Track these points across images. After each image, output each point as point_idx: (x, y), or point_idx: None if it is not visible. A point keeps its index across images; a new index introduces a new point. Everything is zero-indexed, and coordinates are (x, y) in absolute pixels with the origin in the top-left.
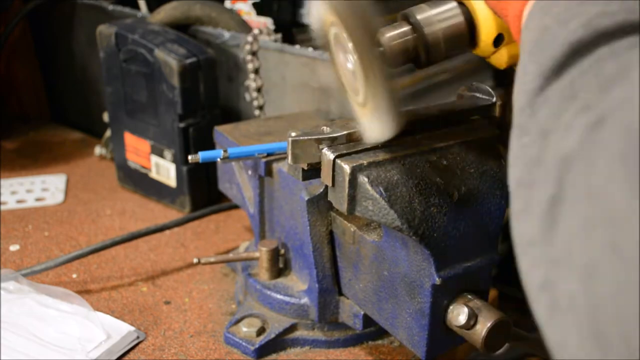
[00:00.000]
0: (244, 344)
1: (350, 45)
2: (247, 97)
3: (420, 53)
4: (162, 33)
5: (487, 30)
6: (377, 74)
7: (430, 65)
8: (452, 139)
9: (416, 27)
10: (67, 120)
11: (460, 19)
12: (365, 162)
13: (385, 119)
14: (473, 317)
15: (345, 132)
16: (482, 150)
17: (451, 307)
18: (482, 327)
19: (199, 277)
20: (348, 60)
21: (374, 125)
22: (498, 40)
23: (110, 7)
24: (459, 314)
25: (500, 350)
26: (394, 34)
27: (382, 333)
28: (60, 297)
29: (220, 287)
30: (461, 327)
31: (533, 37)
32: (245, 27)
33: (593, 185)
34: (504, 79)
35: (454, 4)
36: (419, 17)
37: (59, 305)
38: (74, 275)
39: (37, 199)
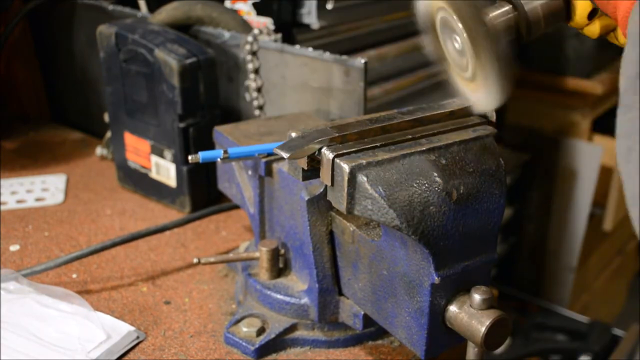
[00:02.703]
0: (244, 344)
1: (460, 25)
2: (247, 97)
3: (521, 29)
4: (162, 33)
5: (582, 5)
6: (486, 50)
7: (531, 39)
8: (452, 139)
9: (516, 6)
10: (67, 120)
11: None
12: (364, 162)
13: (494, 90)
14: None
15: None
16: (481, 149)
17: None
18: (483, 324)
19: (199, 277)
20: (456, 41)
21: (484, 96)
22: (592, 14)
23: (110, 7)
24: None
25: (500, 349)
26: (496, 13)
27: (382, 333)
28: (60, 297)
29: (220, 287)
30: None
31: (635, 30)
32: (247, 28)
33: None
34: None
35: None
36: None
37: (59, 305)
38: (74, 275)
39: (37, 199)
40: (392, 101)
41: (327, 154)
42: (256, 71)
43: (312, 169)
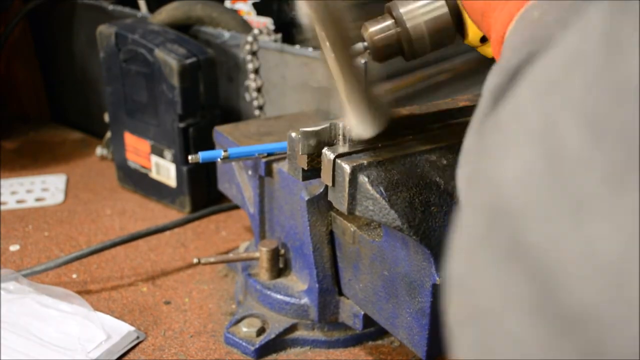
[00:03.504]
0: (244, 344)
1: (327, 44)
2: (247, 97)
3: (404, 46)
4: (162, 33)
5: (474, 27)
6: (352, 76)
7: (415, 58)
8: (452, 139)
9: (399, 21)
10: (67, 120)
11: (444, 10)
12: (365, 162)
13: (363, 119)
14: None
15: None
16: None
17: None
18: None
19: (199, 277)
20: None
21: (355, 123)
22: (485, 39)
23: (110, 7)
24: None
25: None
26: (376, 29)
27: (382, 333)
28: (60, 297)
29: (220, 287)
30: None
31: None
32: (247, 28)
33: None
34: None
35: None
36: (401, 10)
37: (59, 305)
38: (74, 276)
39: (37, 199)
40: (391, 101)
41: (328, 154)
42: (256, 71)
43: (312, 169)
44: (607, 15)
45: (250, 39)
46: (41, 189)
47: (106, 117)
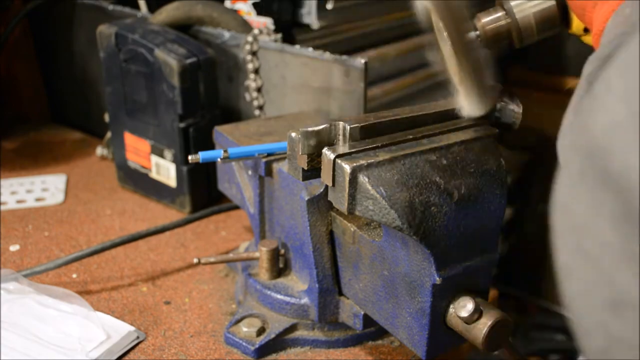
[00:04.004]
0: (244, 344)
1: (445, 34)
2: (247, 97)
3: (513, 36)
4: (162, 33)
5: (577, 20)
6: (467, 62)
7: (522, 46)
8: (453, 139)
9: (509, 13)
10: (67, 120)
11: (552, 3)
12: (365, 162)
13: (476, 99)
14: (477, 312)
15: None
16: (482, 149)
17: (457, 301)
18: (484, 325)
19: (199, 277)
20: (447, 45)
21: (468, 103)
22: (587, 29)
23: (110, 7)
24: (465, 305)
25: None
26: (488, 19)
27: (382, 333)
28: (60, 297)
29: (220, 287)
30: (465, 319)
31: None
32: (247, 28)
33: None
34: (505, 78)
35: None
36: (512, 3)
37: (59, 305)
38: (74, 276)
39: (37, 199)
40: (392, 101)
41: (328, 154)
42: (256, 71)
43: (312, 169)
44: None
45: (250, 39)
46: (41, 189)
47: (106, 117)
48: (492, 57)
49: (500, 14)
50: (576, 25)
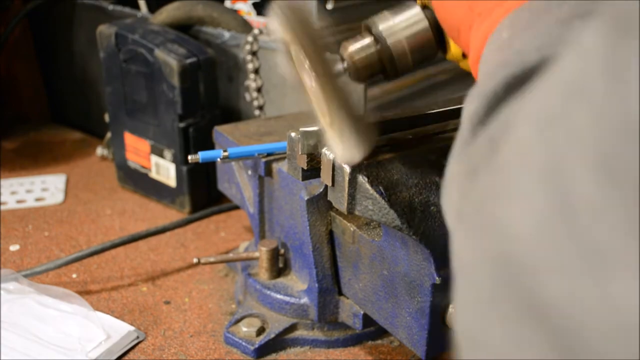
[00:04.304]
0: (243, 343)
1: (306, 67)
2: (247, 97)
3: (385, 65)
4: (162, 33)
5: (455, 46)
6: (337, 99)
7: (397, 77)
8: (452, 138)
9: (379, 38)
10: (67, 120)
11: (424, 24)
12: (365, 162)
13: (351, 142)
14: None
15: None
16: None
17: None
18: None
19: (199, 277)
20: (311, 79)
21: (341, 147)
22: (465, 55)
23: (110, 7)
24: None
25: None
26: (356, 48)
27: (382, 333)
28: (60, 297)
29: (220, 287)
30: None
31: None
32: (247, 28)
33: None
34: None
35: (418, 9)
36: (380, 27)
37: (59, 305)
38: (74, 275)
39: (37, 199)
40: (392, 101)
41: (328, 154)
42: (256, 71)
43: (312, 169)
44: (606, 40)
45: (250, 39)
46: (41, 189)
47: (106, 117)
48: (364, 90)
49: (368, 40)
50: (454, 49)
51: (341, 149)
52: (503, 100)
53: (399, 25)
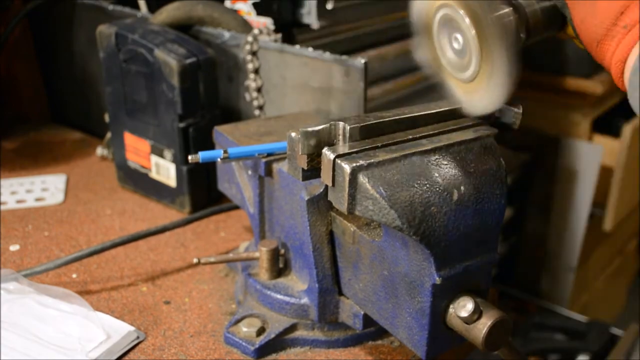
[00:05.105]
0: (244, 343)
1: (467, 21)
2: (247, 97)
3: (520, 32)
4: (162, 33)
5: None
6: (494, 45)
7: (528, 43)
8: (452, 139)
9: (517, 8)
10: (67, 120)
11: (554, 3)
12: (365, 162)
13: (498, 88)
14: (477, 312)
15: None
16: (482, 149)
17: (457, 301)
18: (484, 325)
19: (199, 277)
20: (456, 40)
21: (485, 96)
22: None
23: (110, 7)
24: (465, 305)
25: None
26: (497, 15)
27: (382, 333)
28: (60, 297)
29: (220, 287)
30: (465, 319)
31: None
32: (247, 28)
33: None
34: None
35: None
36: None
37: (59, 305)
38: (74, 275)
39: (37, 199)
40: (392, 101)
41: (328, 154)
42: (256, 71)
43: (312, 169)
44: None
45: (250, 39)
46: (41, 189)
47: (106, 117)
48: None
49: (508, 9)
50: (570, 30)
51: (484, 96)
52: None
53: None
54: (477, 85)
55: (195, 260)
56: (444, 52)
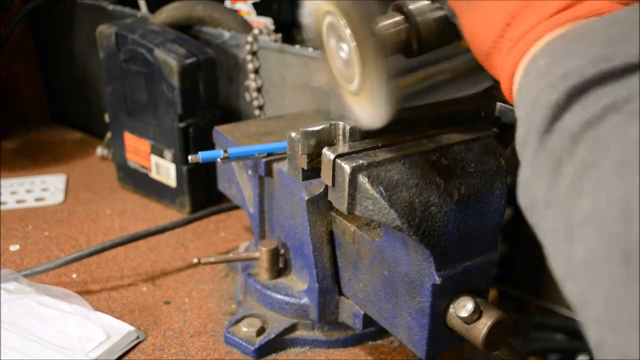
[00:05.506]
0: (244, 344)
1: (347, 31)
2: (247, 97)
3: (412, 42)
4: (162, 33)
5: None
6: (373, 60)
7: (420, 55)
8: (453, 139)
9: (409, 17)
10: (67, 120)
11: (448, 13)
12: (365, 162)
13: (381, 103)
14: (477, 312)
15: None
16: (482, 149)
17: (457, 301)
18: (484, 325)
19: (199, 277)
20: (342, 49)
21: (369, 110)
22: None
23: (110, 7)
24: (465, 305)
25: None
26: (387, 23)
27: (382, 333)
28: (60, 297)
29: (220, 287)
30: (465, 319)
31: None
32: (247, 28)
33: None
34: None
35: None
36: (411, 6)
37: (59, 305)
38: (74, 275)
39: (37, 199)
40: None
41: (328, 154)
42: (256, 71)
43: (312, 169)
44: None
45: (250, 39)
46: (41, 189)
47: (106, 117)
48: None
49: (399, 18)
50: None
51: (369, 111)
52: (565, 109)
53: (429, 7)
54: (363, 98)
55: (195, 260)
56: (334, 61)
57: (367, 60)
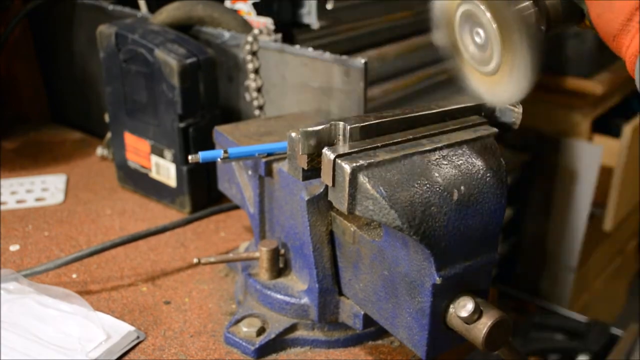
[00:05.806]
0: (244, 344)
1: (488, 15)
2: (247, 97)
3: (541, 24)
4: (162, 33)
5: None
6: (517, 37)
7: (548, 35)
8: (452, 139)
9: (537, 1)
10: (67, 120)
11: None
12: (365, 162)
13: (521, 79)
14: (477, 312)
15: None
16: (482, 149)
17: (457, 301)
18: (484, 325)
19: (199, 277)
20: (478, 34)
21: (509, 88)
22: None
23: (110, 7)
24: (465, 305)
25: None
26: (518, 8)
27: (382, 333)
28: (60, 297)
29: (220, 287)
30: (465, 319)
31: None
32: (247, 28)
33: None
34: None
35: None
36: None
37: (59, 305)
38: (74, 275)
39: (37, 199)
40: (392, 101)
41: (328, 154)
42: (256, 71)
43: (312, 169)
44: None
45: (250, 39)
46: (41, 189)
47: (106, 117)
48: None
49: (527, 2)
50: (589, 22)
51: (510, 86)
52: None
53: None
54: (500, 78)
55: (195, 260)
56: (466, 47)
57: (507, 40)
